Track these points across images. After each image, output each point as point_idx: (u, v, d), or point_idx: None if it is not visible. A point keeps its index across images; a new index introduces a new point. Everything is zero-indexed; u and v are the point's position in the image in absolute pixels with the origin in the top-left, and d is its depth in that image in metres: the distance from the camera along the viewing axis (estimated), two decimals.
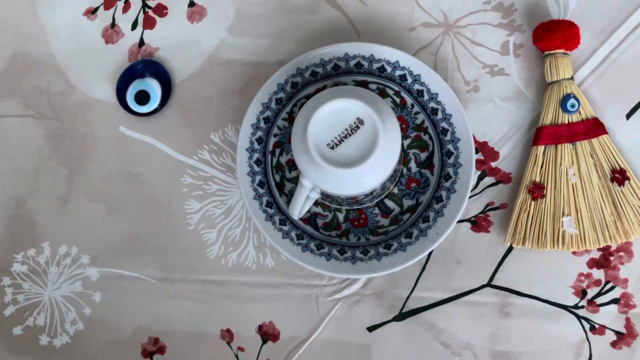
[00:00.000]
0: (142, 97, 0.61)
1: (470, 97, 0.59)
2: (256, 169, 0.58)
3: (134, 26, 0.64)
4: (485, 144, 0.58)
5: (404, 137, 0.57)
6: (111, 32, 0.64)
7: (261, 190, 0.57)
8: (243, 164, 0.57)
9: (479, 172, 0.58)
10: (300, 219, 0.57)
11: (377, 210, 0.57)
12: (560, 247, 0.55)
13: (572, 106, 0.56)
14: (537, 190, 0.56)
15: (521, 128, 0.58)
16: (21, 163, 0.64)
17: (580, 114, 0.56)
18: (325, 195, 0.55)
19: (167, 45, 0.63)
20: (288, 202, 0.57)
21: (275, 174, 0.58)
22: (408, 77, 0.57)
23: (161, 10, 0.64)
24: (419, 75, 0.57)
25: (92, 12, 0.65)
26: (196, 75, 0.63)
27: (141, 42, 0.64)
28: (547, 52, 0.56)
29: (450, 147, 0.56)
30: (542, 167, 0.56)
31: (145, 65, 0.62)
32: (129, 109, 0.62)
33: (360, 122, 0.47)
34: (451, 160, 0.56)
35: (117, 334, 0.62)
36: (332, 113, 0.47)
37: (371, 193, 0.53)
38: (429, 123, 0.57)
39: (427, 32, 0.60)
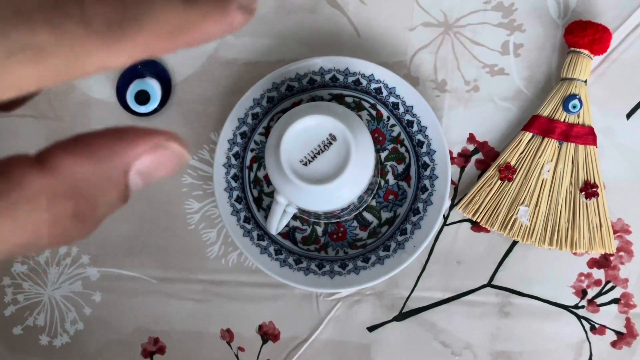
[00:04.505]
0: (142, 97, 0.61)
1: (470, 96, 0.59)
2: (233, 184, 0.58)
3: None
4: (485, 143, 0.58)
5: (382, 149, 0.57)
6: None
7: (239, 206, 0.57)
8: (220, 180, 0.57)
9: (479, 172, 0.58)
10: (279, 233, 0.57)
11: (355, 223, 0.57)
12: (505, 233, 0.56)
13: (574, 107, 0.56)
14: (506, 172, 0.56)
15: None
16: None
17: (578, 117, 0.56)
18: (302, 210, 0.55)
19: None
20: (266, 217, 0.57)
21: (253, 189, 0.58)
22: (383, 90, 0.57)
23: None
24: (394, 87, 0.57)
25: None
26: (196, 75, 0.62)
27: None
28: (572, 49, 0.56)
29: (427, 159, 0.56)
30: (521, 152, 0.56)
31: (145, 65, 0.62)
32: (129, 109, 0.62)
33: (332, 138, 0.47)
34: (427, 172, 0.56)
35: (117, 333, 0.62)
36: (304, 130, 0.47)
37: (348, 207, 0.53)
38: (405, 135, 0.57)
39: (427, 31, 0.60)
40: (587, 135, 0.56)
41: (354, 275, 0.56)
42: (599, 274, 0.56)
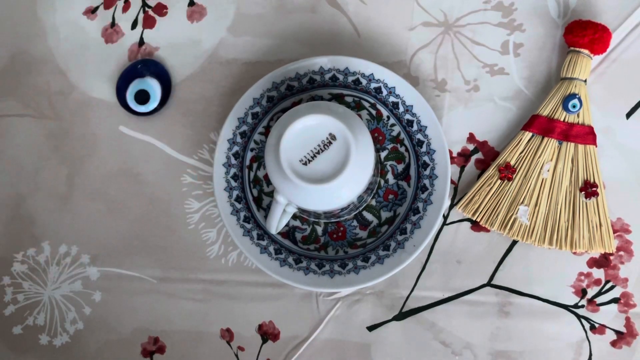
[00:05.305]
0: (142, 97, 0.61)
1: (470, 96, 0.59)
2: (233, 184, 0.58)
3: (134, 25, 0.64)
4: (485, 143, 0.59)
5: (381, 149, 0.57)
6: (111, 32, 0.64)
7: (238, 205, 0.57)
8: (220, 180, 0.58)
9: (479, 172, 0.58)
10: (279, 233, 0.57)
11: (355, 223, 0.57)
12: (505, 232, 0.56)
13: (574, 106, 0.56)
14: (506, 172, 0.56)
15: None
16: (21, 163, 0.64)
17: (578, 117, 0.56)
18: (302, 209, 0.55)
19: (167, 44, 0.63)
20: (266, 216, 0.57)
21: (253, 189, 0.58)
22: (383, 89, 0.57)
23: (161, 9, 0.64)
24: (394, 87, 0.57)
25: (92, 11, 0.65)
26: (196, 75, 0.63)
27: (141, 42, 0.64)
28: (572, 48, 0.56)
29: (426, 159, 0.56)
30: (521, 152, 0.56)
31: (145, 65, 0.62)
32: (129, 109, 0.62)
33: (332, 137, 0.47)
34: (427, 172, 0.56)
35: (117, 333, 0.62)
36: (304, 129, 0.47)
37: (348, 206, 0.53)
38: (404, 135, 0.57)
39: (427, 31, 0.60)
40: (586, 135, 0.56)
41: (354, 274, 0.56)
42: (598, 273, 0.56)
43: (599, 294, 0.56)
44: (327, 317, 0.59)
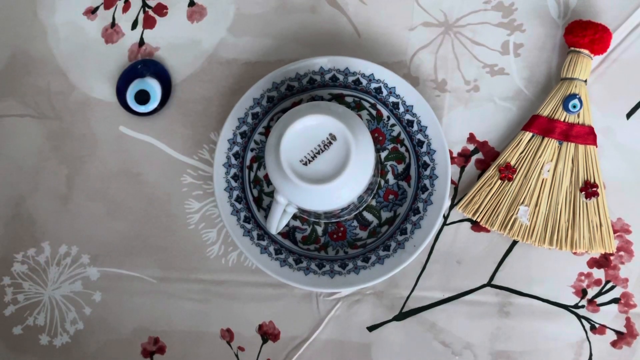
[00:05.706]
0: (142, 97, 0.61)
1: (470, 96, 0.59)
2: (233, 184, 0.58)
3: (134, 26, 0.64)
4: (485, 143, 0.59)
5: (382, 149, 0.57)
6: (111, 32, 0.64)
7: (239, 206, 0.57)
8: (220, 180, 0.58)
9: (479, 172, 0.58)
10: (279, 233, 0.57)
11: (355, 223, 0.57)
12: (505, 233, 0.56)
13: (574, 107, 0.56)
14: (506, 172, 0.56)
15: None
16: (21, 163, 0.64)
17: (578, 117, 0.56)
18: (302, 210, 0.55)
19: (167, 44, 0.63)
20: (266, 217, 0.57)
21: (253, 189, 0.58)
22: (383, 89, 0.57)
23: (161, 9, 0.64)
24: (394, 87, 0.57)
25: (92, 11, 0.65)
26: (196, 75, 0.63)
27: (141, 42, 0.64)
28: (572, 49, 0.56)
29: (427, 159, 0.56)
30: (521, 152, 0.56)
31: (145, 65, 0.62)
32: (129, 109, 0.62)
33: (332, 137, 0.47)
34: (427, 172, 0.56)
35: (117, 333, 0.62)
36: (304, 130, 0.47)
37: (348, 207, 0.53)
38: (405, 135, 0.57)
39: (427, 31, 0.60)
40: (587, 135, 0.56)
41: (354, 275, 0.56)
42: (599, 273, 0.56)
43: (599, 294, 0.56)
44: (327, 318, 0.59)
